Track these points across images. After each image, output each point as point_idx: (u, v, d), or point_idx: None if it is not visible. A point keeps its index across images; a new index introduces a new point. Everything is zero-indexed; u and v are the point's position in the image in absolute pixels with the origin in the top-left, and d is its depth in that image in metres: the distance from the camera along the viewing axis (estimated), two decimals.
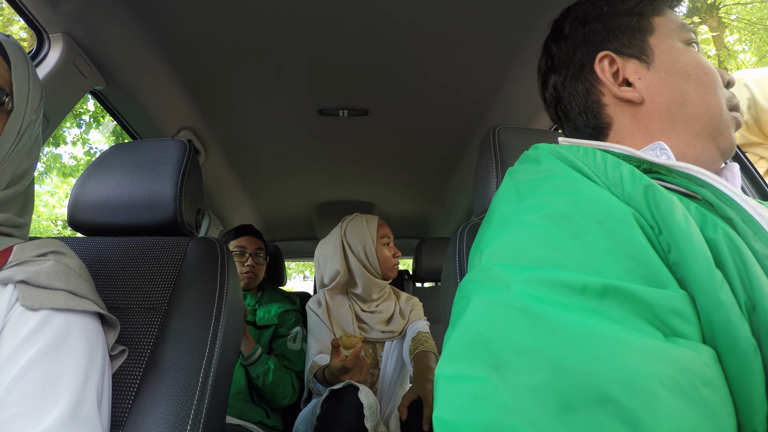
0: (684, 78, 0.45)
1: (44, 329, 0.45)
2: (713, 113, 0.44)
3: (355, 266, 1.30)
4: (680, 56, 0.46)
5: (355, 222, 1.36)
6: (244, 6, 0.88)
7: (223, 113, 1.28)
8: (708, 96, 0.44)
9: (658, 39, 0.47)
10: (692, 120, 0.44)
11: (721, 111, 0.44)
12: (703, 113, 0.44)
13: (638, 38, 0.47)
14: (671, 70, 0.45)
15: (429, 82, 1.16)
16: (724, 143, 0.44)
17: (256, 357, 1.18)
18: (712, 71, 0.45)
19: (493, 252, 0.34)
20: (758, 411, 0.25)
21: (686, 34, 0.47)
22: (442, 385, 0.28)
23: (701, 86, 0.44)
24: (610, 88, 0.48)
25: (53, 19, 0.84)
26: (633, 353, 0.23)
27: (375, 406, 0.98)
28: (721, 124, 0.44)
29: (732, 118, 0.45)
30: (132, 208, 0.74)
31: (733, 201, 0.33)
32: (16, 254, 0.49)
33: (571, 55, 0.51)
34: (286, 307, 1.42)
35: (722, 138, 0.44)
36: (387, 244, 1.35)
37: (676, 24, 0.47)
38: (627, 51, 0.47)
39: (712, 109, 0.44)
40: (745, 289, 0.27)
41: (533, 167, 0.41)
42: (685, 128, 0.44)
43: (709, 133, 0.44)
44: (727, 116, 0.45)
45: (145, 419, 0.54)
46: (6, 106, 0.49)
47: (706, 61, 0.46)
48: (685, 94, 0.44)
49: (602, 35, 0.49)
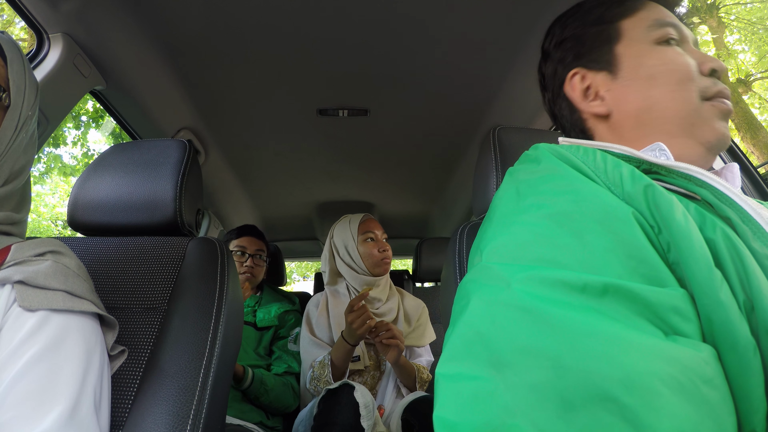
0: (648, 82, 0.45)
1: (42, 330, 0.45)
2: (683, 110, 0.43)
3: (342, 268, 1.32)
4: (645, 59, 0.45)
5: (341, 225, 1.37)
6: (244, 6, 0.88)
7: (223, 113, 1.28)
8: (675, 94, 0.43)
9: (624, 46, 0.47)
10: (664, 122, 0.44)
11: (691, 106, 0.43)
12: (674, 113, 0.43)
13: (605, 50, 0.48)
14: (635, 77, 0.46)
15: (429, 82, 1.16)
16: (707, 136, 0.43)
17: (249, 382, 1.15)
18: (680, 66, 0.44)
19: (493, 251, 0.34)
20: (758, 410, 0.25)
21: (660, 31, 0.46)
22: (443, 384, 0.28)
23: (667, 86, 0.44)
24: (579, 105, 0.50)
25: (53, 19, 0.84)
26: (633, 352, 0.23)
27: (371, 405, 0.98)
28: (695, 118, 0.43)
29: (712, 108, 0.43)
30: (132, 208, 0.74)
31: (732, 201, 0.33)
32: (14, 254, 0.49)
33: (553, 74, 0.53)
34: (286, 308, 1.41)
35: (701, 132, 0.43)
36: (370, 239, 1.32)
37: (646, 23, 0.47)
38: (596, 65, 0.49)
39: (681, 107, 0.43)
40: (743, 289, 0.27)
41: (534, 167, 0.41)
42: (659, 131, 0.44)
43: (684, 131, 0.43)
44: (703, 108, 0.43)
45: (144, 419, 0.54)
46: (3, 102, 0.49)
47: (674, 55, 0.44)
48: (651, 98, 0.44)
49: (574, 53, 0.51)
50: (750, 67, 7.40)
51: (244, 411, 1.17)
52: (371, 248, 1.31)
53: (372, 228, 1.34)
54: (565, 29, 0.52)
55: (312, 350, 1.20)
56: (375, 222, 1.37)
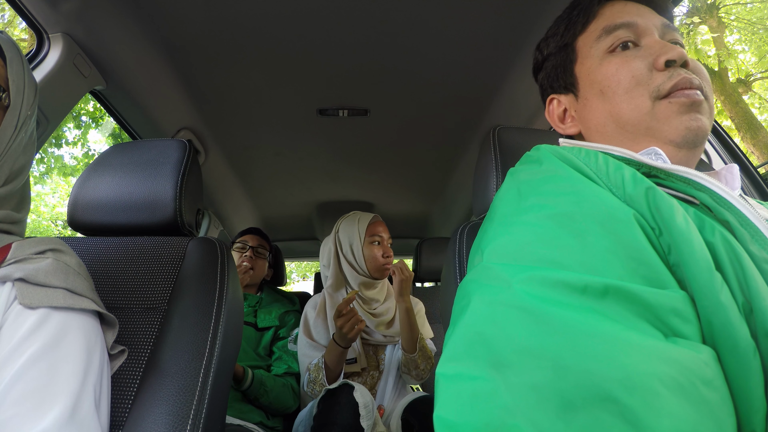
0: (600, 96, 0.45)
1: (42, 328, 0.45)
2: (636, 118, 0.43)
3: (344, 266, 1.31)
4: (595, 75, 0.46)
5: (349, 220, 1.35)
6: (244, 6, 0.88)
7: (223, 113, 1.28)
8: (624, 104, 0.43)
9: (580, 64, 0.49)
10: (623, 131, 0.44)
11: (644, 111, 0.42)
12: (626, 122, 0.43)
13: (568, 73, 0.50)
14: (590, 95, 0.47)
15: (429, 82, 1.16)
16: (669, 135, 0.41)
17: (249, 383, 1.15)
18: (624, 75, 0.43)
19: (494, 251, 0.34)
20: (757, 411, 0.25)
21: (608, 39, 0.46)
22: (443, 384, 0.28)
23: (615, 98, 0.44)
24: (557, 129, 0.52)
25: (53, 19, 0.84)
26: (633, 353, 0.23)
27: (371, 405, 0.98)
28: (651, 122, 0.42)
29: (669, 106, 0.41)
30: (132, 208, 0.74)
31: (731, 204, 0.33)
32: (15, 251, 0.49)
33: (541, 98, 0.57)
34: (286, 308, 1.42)
35: (663, 132, 0.41)
36: (377, 243, 1.31)
37: (596, 35, 0.47)
38: (564, 90, 0.51)
39: (633, 115, 0.43)
40: (742, 292, 0.27)
41: (535, 168, 0.41)
42: (623, 139, 0.44)
43: (645, 135, 0.42)
44: (659, 108, 0.42)
45: (144, 419, 0.54)
46: (3, 102, 0.49)
47: (620, 64, 0.44)
48: (605, 111, 0.45)
49: (548, 80, 0.53)
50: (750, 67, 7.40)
51: (244, 411, 1.17)
52: (376, 252, 1.29)
53: (380, 232, 1.32)
54: (541, 54, 0.55)
55: (309, 352, 1.20)
56: (384, 225, 1.36)
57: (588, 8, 0.48)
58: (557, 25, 0.52)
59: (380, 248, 1.30)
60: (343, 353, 1.12)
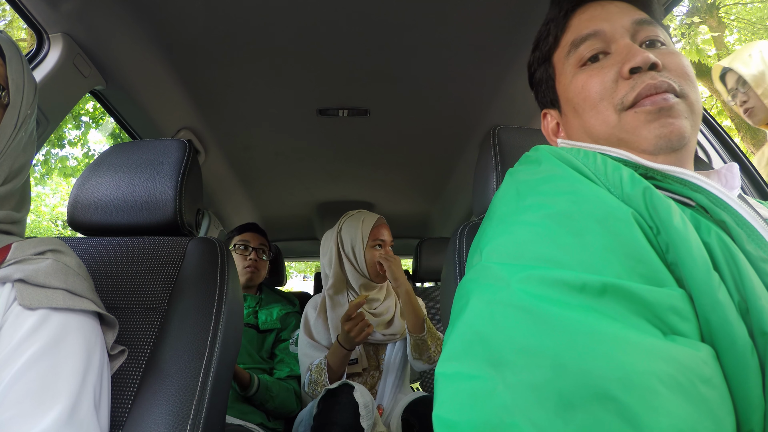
0: (574, 111, 0.46)
1: (42, 329, 0.45)
2: (606, 131, 0.43)
3: (346, 265, 1.30)
4: (567, 93, 0.47)
5: (353, 219, 1.34)
6: (244, 6, 0.88)
7: (223, 113, 1.28)
8: (593, 119, 0.44)
9: (558, 81, 0.49)
10: (602, 142, 0.44)
11: (611, 124, 0.42)
12: (599, 136, 0.44)
13: (551, 89, 0.51)
14: (568, 111, 0.48)
15: (429, 82, 1.16)
16: (641, 145, 0.40)
17: (255, 389, 1.15)
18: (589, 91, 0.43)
19: (492, 250, 0.34)
20: (756, 409, 0.25)
21: (575, 55, 0.46)
22: (442, 383, 0.28)
23: (585, 113, 0.44)
24: (552, 142, 0.53)
25: (53, 19, 0.84)
26: (632, 351, 0.24)
27: (371, 405, 0.98)
28: (621, 133, 0.41)
29: (635, 116, 0.40)
30: (132, 208, 0.74)
31: (727, 204, 0.34)
32: (15, 252, 0.49)
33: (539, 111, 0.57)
34: (287, 309, 1.41)
35: (635, 142, 0.41)
36: (378, 246, 1.30)
37: (565, 50, 0.47)
38: (550, 105, 0.52)
39: (603, 129, 0.43)
40: (738, 291, 0.27)
41: (534, 168, 0.41)
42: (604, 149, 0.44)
43: (619, 145, 0.42)
44: (625, 119, 0.41)
45: (144, 419, 0.54)
46: (2, 100, 0.49)
47: (585, 80, 0.44)
48: (582, 126, 0.46)
49: (539, 96, 0.54)
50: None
51: (244, 412, 1.17)
52: (377, 256, 1.29)
53: (383, 235, 1.31)
54: (530, 71, 0.56)
55: (310, 353, 1.20)
56: (387, 229, 1.35)
57: (557, 22, 0.48)
58: (538, 41, 0.53)
59: (381, 252, 1.30)
60: (347, 355, 1.12)
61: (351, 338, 1.07)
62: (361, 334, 1.07)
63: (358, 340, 1.08)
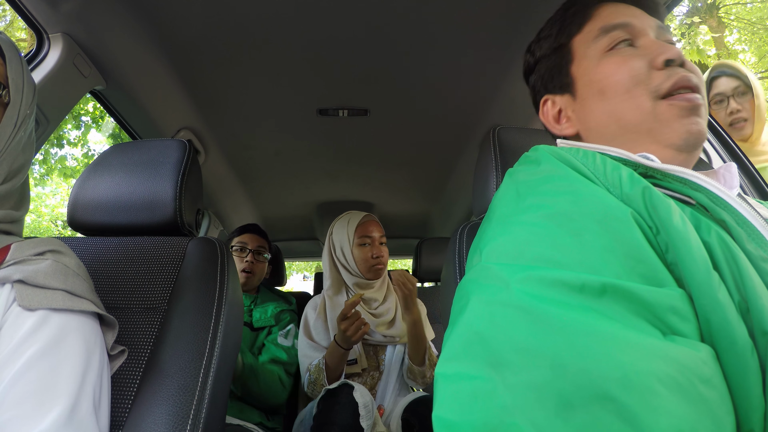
0: (600, 96, 0.45)
1: (41, 330, 0.45)
2: (637, 118, 0.42)
3: (339, 268, 1.31)
4: (594, 74, 0.46)
5: (340, 222, 1.35)
6: (244, 6, 0.88)
7: (223, 113, 1.28)
8: (625, 104, 0.43)
9: (577, 65, 0.48)
10: (623, 133, 0.43)
11: (645, 111, 0.42)
12: (628, 123, 0.43)
13: (564, 73, 0.50)
14: (589, 94, 0.46)
15: (429, 82, 1.16)
16: (670, 139, 0.41)
17: (240, 369, 1.15)
18: (624, 74, 0.43)
19: (492, 251, 0.34)
20: (756, 409, 0.25)
21: (605, 39, 0.45)
22: (442, 383, 0.28)
23: (616, 97, 0.43)
24: (552, 130, 0.52)
25: (53, 19, 0.84)
26: (631, 351, 0.24)
27: (370, 405, 0.98)
28: (652, 123, 0.42)
29: (670, 108, 0.41)
30: (132, 208, 0.74)
31: (727, 204, 0.33)
32: (14, 253, 0.49)
33: (533, 101, 0.56)
34: (282, 307, 1.41)
35: (663, 136, 0.41)
36: (365, 244, 1.29)
37: (593, 35, 0.47)
38: (559, 90, 0.51)
39: (634, 115, 0.42)
40: (738, 291, 0.27)
41: (533, 168, 0.41)
42: (621, 143, 0.44)
43: (645, 137, 0.42)
44: (659, 109, 0.41)
45: (144, 419, 0.54)
46: (3, 99, 0.49)
47: (619, 63, 0.44)
48: (605, 111, 0.44)
49: (542, 81, 0.53)
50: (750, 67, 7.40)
51: (243, 410, 1.17)
52: (365, 253, 1.28)
53: (369, 232, 1.30)
54: (533, 56, 0.54)
55: (309, 354, 1.20)
56: (374, 224, 1.33)
57: (583, 10, 0.48)
58: (550, 27, 0.52)
59: (370, 249, 1.29)
60: (344, 355, 1.12)
61: (348, 337, 1.07)
62: (358, 333, 1.07)
63: (355, 339, 1.08)
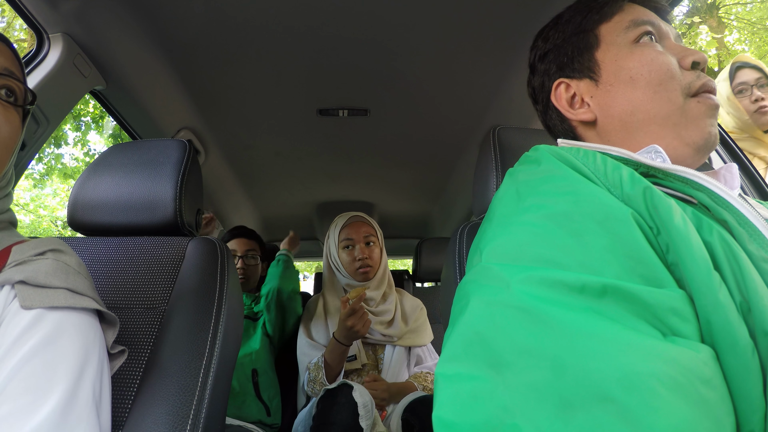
0: (630, 85, 0.45)
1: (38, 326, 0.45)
2: (667, 111, 0.42)
3: (333, 269, 1.33)
4: (624, 62, 0.45)
5: (333, 224, 1.37)
6: (244, 6, 0.88)
7: (223, 113, 1.28)
8: (657, 95, 0.43)
9: (603, 51, 0.48)
10: (648, 124, 0.43)
11: (675, 105, 0.42)
12: (656, 114, 0.43)
13: (586, 57, 0.49)
14: (617, 81, 0.46)
15: (429, 82, 1.16)
16: (694, 137, 0.42)
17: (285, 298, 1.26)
18: (659, 65, 0.43)
19: (492, 251, 0.34)
20: (756, 410, 0.25)
21: (636, 30, 0.46)
22: (442, 384, 0.28)
23: (648, 87, 0.43)
24: (566, 114, 0.50)
25: (53, 19, 0.84)
26: (632, 352, 0.23)
27: (370, 404, 0.98)
28: (679, 118, 0.42)
29: (698, 105, 0.42)
30: (132, 208, 0.74)
31: (729, 204, 0.33)
32: (15, 254, 0.49)
33: (541, 87, 0.54)
34: None
35: (688, 133, 0.42)
36: (348, 246, 1.28)
37: (624, 25, 0.47)
38: (578, 74, 0.49)
39: (664, 107, 0.42)
40: (740, 291, 0.27)
41: (534, 168, 0.41)
42: (644, 133, 0.44)
43: (670, 131, 0.42)
44: (689, 106, 0.42)
45: (145, 419, 0.54)
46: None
47: (653, 54, 0.44)
48: (633, 101, 0.44)
49: (557, 64, 0.52)
50: None
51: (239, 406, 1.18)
52: (349, 255, 1.28)
53: (351, 234, 1.29)
54: (547, 42, 0.53)
55: (308, 352, 1.21)
56: (359, 225, 1.31)
57: (614, 2, 0.48)
58: (572, 13, 0.51)
59: (355, 251, 1.28)
60: (345, 351, 1.13)
61: (353, 333, 1.08)
62: (364, 328, 1.09)
63: (362, 334, 1.09)
